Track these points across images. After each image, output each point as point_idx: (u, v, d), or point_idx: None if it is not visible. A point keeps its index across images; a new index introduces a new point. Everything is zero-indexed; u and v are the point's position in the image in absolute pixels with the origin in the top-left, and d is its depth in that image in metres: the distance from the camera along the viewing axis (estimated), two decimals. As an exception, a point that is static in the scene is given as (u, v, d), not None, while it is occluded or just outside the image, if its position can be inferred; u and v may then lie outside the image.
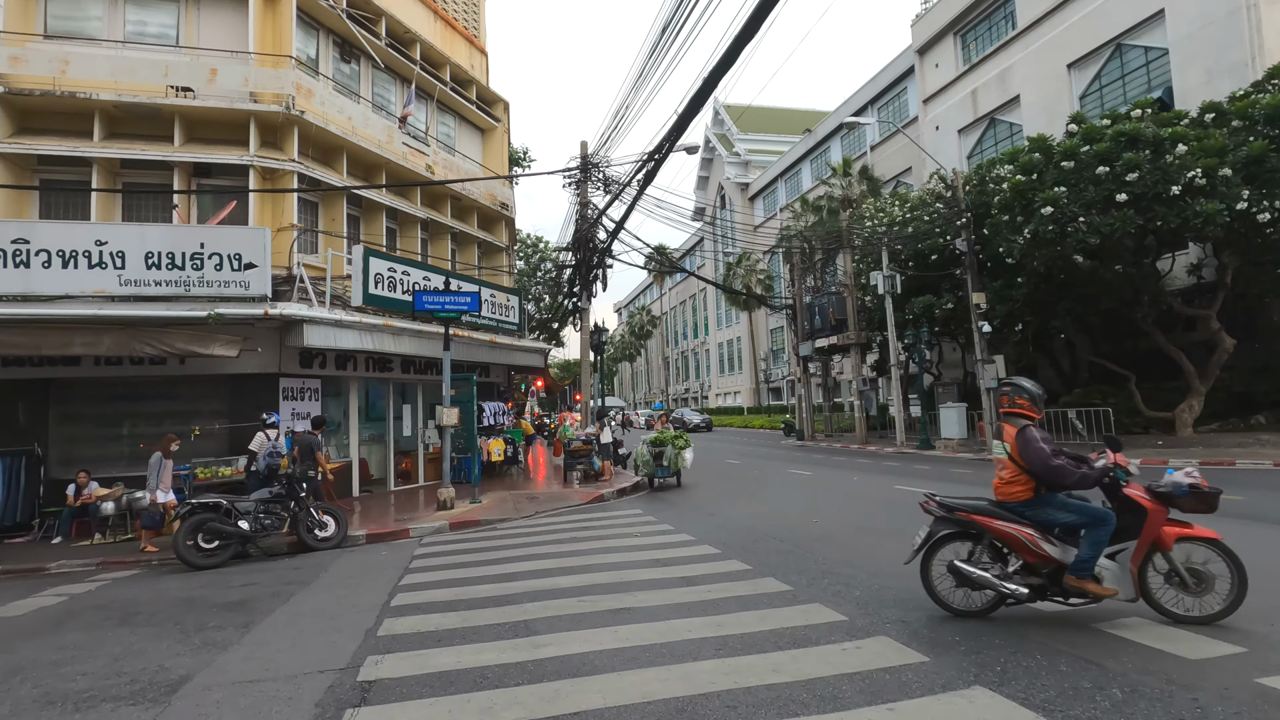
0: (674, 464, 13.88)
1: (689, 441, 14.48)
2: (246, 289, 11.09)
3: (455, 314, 12.23)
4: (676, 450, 13.96)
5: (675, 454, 13.90)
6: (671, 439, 14.16)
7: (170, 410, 12.28)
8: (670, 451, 13.95)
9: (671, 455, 13.90)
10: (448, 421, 12.07)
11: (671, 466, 13.91)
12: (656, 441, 14.19)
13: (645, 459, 14.10)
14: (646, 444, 14.19)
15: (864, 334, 26.46)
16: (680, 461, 13.97)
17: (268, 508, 9.46)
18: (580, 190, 19.18)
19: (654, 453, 14.03)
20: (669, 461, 13.89)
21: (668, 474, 14.05)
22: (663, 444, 14.11)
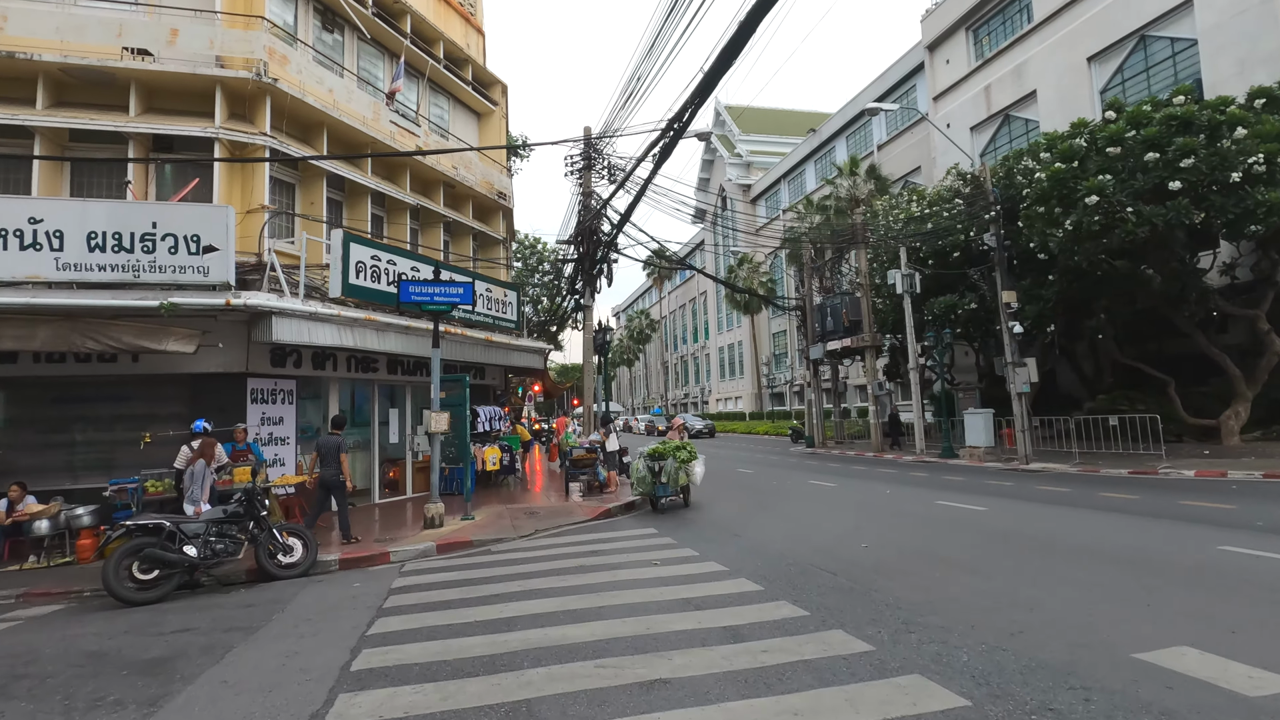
0: (675, 480, 11.72)
1: (694, 453, 12.21)
2: (205, 275, 9.69)
3: (446, 307, 10.85)
4: (679, 464, 11.75)
5: (677, 468, 11.69)
6: (673, 450, 11.94)
7: (122, 414, 10.85)
8: (671, 465, 11.72)
9: (673, 470, 11.68)
10: (436, 428, 10.68)
11: (673, 484, 11.74)
12: (655, 454, 11.98)
13: (641, 475, 11.94)
14: (643, 457, 12.07)
15: (879, 336, 25.14)
16: (685, 478, 11.81)
17: (221, 529, 8.05)
18: (583, 178, 17.84)
19: (651, 467, 11.87)
20: (669, 478, 11.69)
21: (669, 492, 11.88)
22: (661, 456, 11.88)
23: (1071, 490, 12.25)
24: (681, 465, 11.78)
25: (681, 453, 11.95)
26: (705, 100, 8.70)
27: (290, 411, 12.04)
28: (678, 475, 11.71)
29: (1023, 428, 17.99)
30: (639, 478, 11.97)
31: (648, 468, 11.88)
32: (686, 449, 12.12)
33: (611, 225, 17.89)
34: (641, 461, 12.09)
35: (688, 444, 12.38)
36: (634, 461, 12.31)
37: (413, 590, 7.10)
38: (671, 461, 11.76)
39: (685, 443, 12.43)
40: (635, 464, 12.23)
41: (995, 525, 9.09)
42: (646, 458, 12.04)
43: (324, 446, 9.87)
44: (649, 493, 11.97)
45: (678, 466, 11.72)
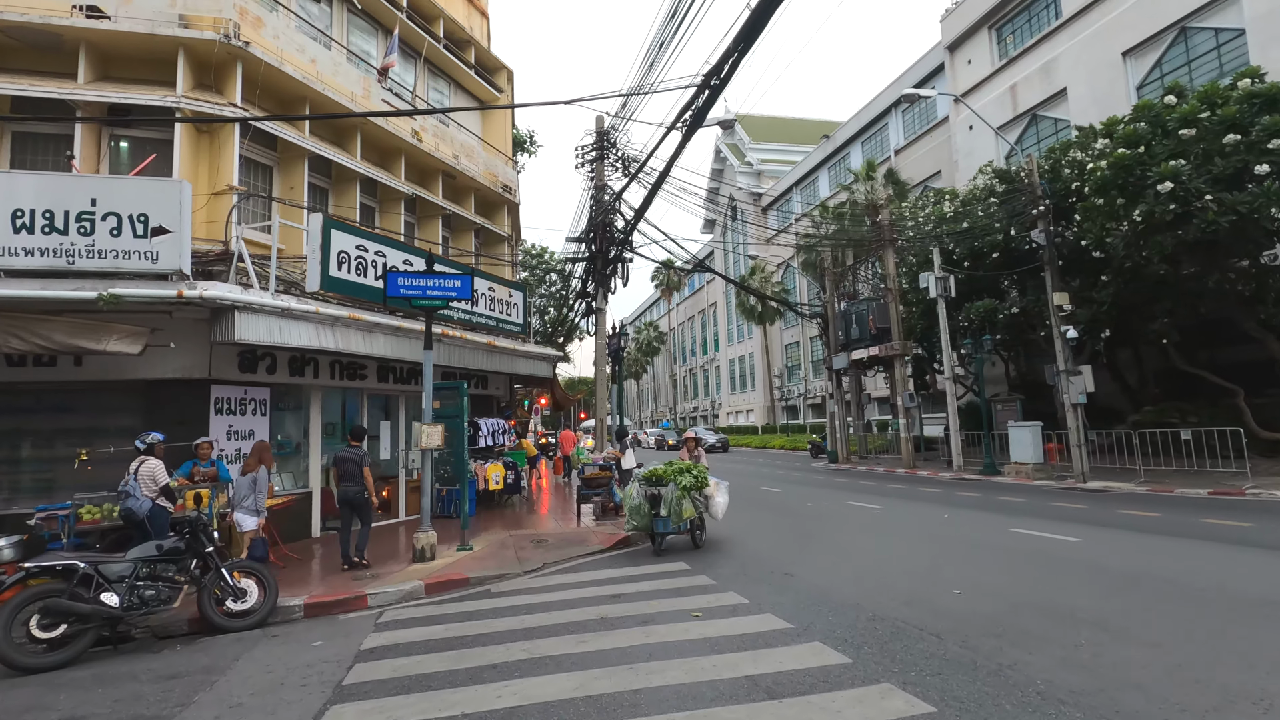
0: (677, 513, 9.07)
1: (704, 478, 9.58)
2: (154, 262, 8.19)
3: (440, 303, 9.32)
4: (681, 491, 9.16)
5: (679, 498, 9.11)
6: (674, 474, 9.44)
7: (63, 427, 9.31)
8: (672, 493, 9.13)
9: (673, 499, 9.08)
10: (429, 442, 9.10)
11: (674, 517, 9.08)
12: (652, 478, 9.50)
13: (635, 504, 9.41)
14: (638, 482, 9.66)
15: (908, 344, 23.50)
16: (691, 509, 9.20)
17: (154, 571, 6.47)
18: (595, 170, 16.36)
19: (649, 495, 9.34)
20: (671, 510, 9.08)
21: (668, 527, 9.18)
22: (660, 481, 9.40)
23: (1163, 515, 10.56)
24: (685, 494, 9.16)
25: (684, 477, 9.35)
26: (752, 45, 7.17)
27: (263, 424, 10.49)
28: (680, 507, 9.09)
29: (1077, 442, 16.29)
30: (633, 508, 9.45)
31: (644, 495, 9.39)
32: (694, 472, 9.55)
33: (626, 221, 16.39)
34: (636, 487, 9.61)
35: (697, 466, 9.84)
36: (628, 487, 9.84)
37: (386, 655, 5.48)
38: (672, 489, 9.18)
39: (693, 465, 9.90)
40: (629, 490, 9.76)
41: (1106, 562, 7.42)
42: (642, 482, 9.60)
43: (344, 460, 9.01)
44: (645, 527, 9.40)
45: (680, 495, 9.11)
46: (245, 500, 8.45)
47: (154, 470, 7.80)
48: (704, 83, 8.22)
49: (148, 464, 7.81)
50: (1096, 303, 17.44)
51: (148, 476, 7.77)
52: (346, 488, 8.95)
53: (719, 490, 9.74)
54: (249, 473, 8.54)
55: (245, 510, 8.45)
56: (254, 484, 8.43)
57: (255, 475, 8.50)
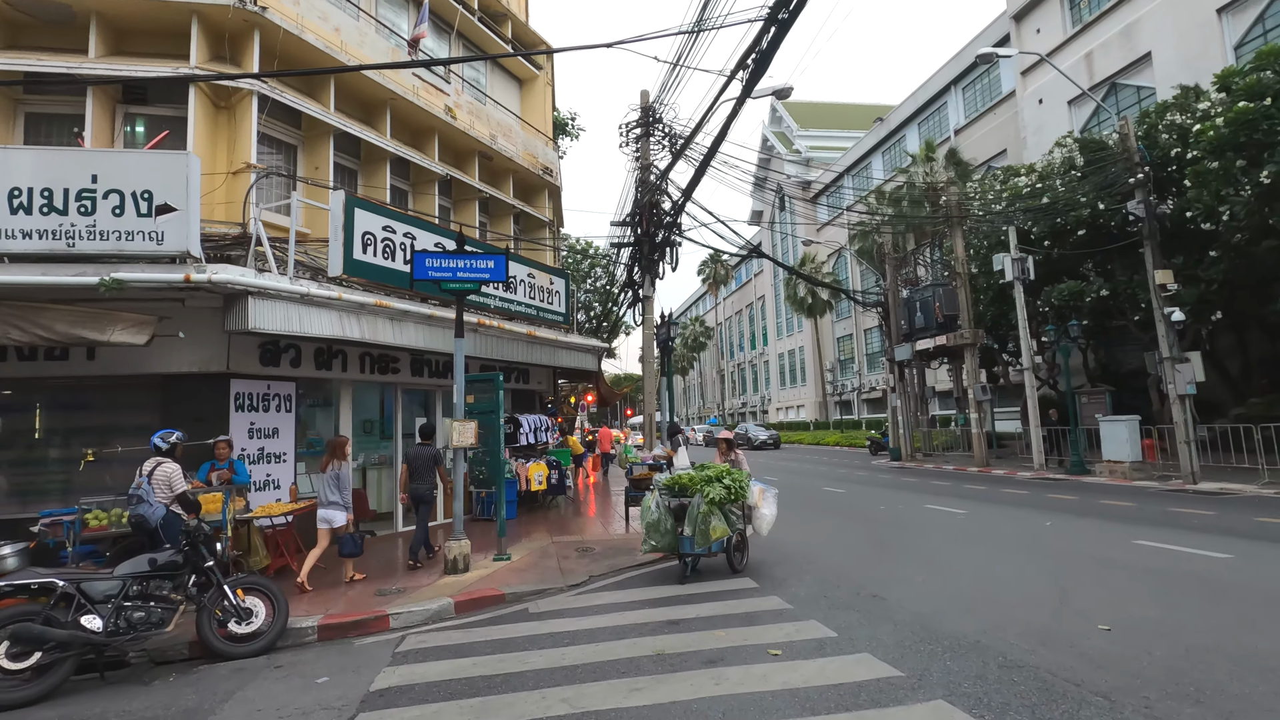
0: (704, 531, 7.23)
1: (741, 486, 7.72)
2: (160, 244, 7.43)
3: (472, 285, 8.36)
4: (709, 506, 7.29)
5: (706, 513, 7.27)
6: (701, 483, 7.57)
7: (75, 425, 8.70)
8: (697, 508, 7.31)
9: (698, 515, 7.26)
10: (460, 440, 8.16)
11: (700, 537, 7.26)
12: (674, 485, 7.74)
13: (653, 519, 7.62)
14: (658, 490, 7.90)
15: (979, 332, 21.73)
16: (722, 528, 7.29)
17: (146, 588, 5.66)
18: (641, 148, 15.27)
19: (670, 505, 7.58)
20: (695, 528, 7.26)
21: (691, 548, 7.37)
22: (684, 491, 7.60)
23: (1319, 525, 8.92)
24: (714, 508, 7.30)
25: (713, 488, 7.46)
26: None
27: (288, 421, 9.73)
28: (707, 525, 7.22)
29: (1185, 438, 14.46)
30: (651, 523, 7.60)
31: (664, 507, 7.58)
32: (728, 480, 7.65)
33: (673, 202, 15.25)
34: (655, 497, 7.76)
35: (734, 473, 7.90)
36: (645, 497, 7.98)
37: (397, 701, 4.50)
38: (697, 502, 7.36)
39: (728, 470, 7.98)
40: (645, 501, 7.88)
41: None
42: (663, 491, 7.77)
43: (417, 458, 8.98)
44: (667, 547, 7.65)
45: (706, 511, 7.26)
46: (331, 497, 7.96)
47: (171, 474, 7.02)
48: (771, 14, 7.02)
49: (165, 467, 7.03)
50: (1204, 281, 15.56)
51: (163, 481, 6.99)
52: (417, 486, 8.92)
53: (765, 499, 8.00)
54: (326, 469, 8.10)
55: (333, 507, 7.96)
56: (337, 480, 7.98)
57: (337, 471, 8.04)
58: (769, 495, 8.19)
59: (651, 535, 7.66)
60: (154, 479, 6.98)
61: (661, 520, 7.61)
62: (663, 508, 7.65)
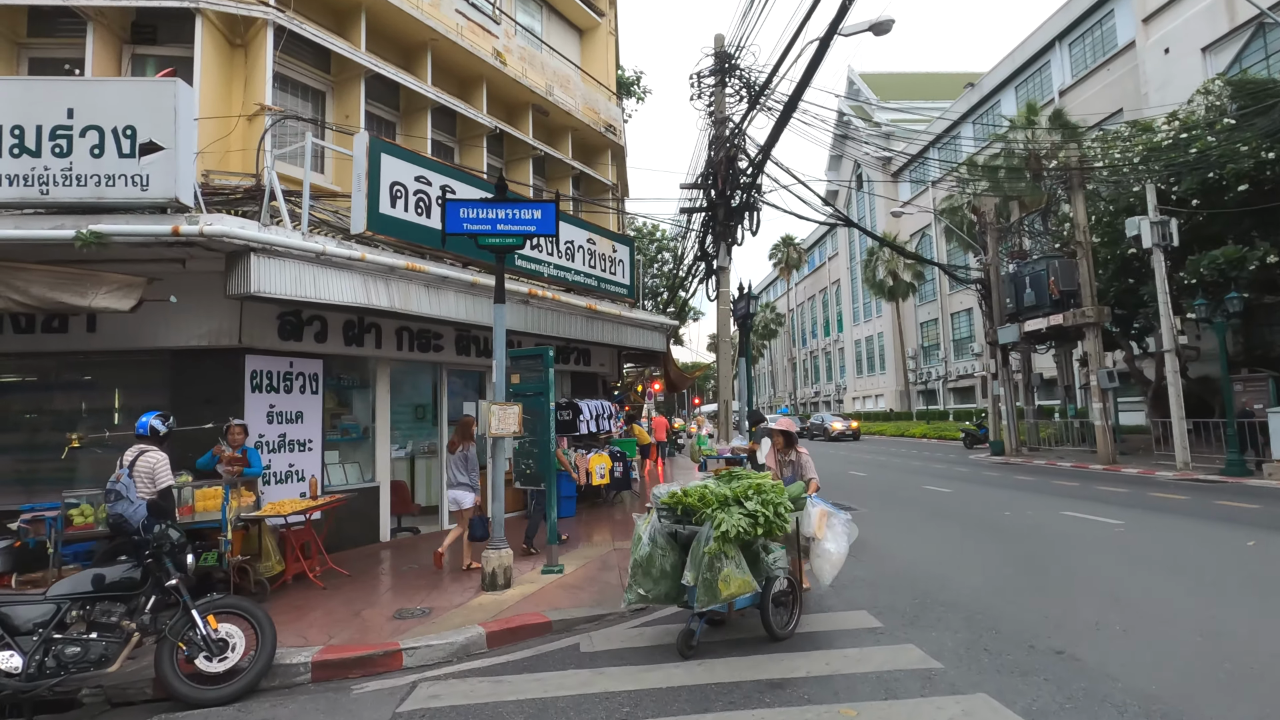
0: (709, 586, 4.67)
1: (782, 512, 5.03)
2: (144, 189, 6.21)
3: (515, 240, 6.85)
4: (719, 543, 4.69)
5: (711, 556, 4.67)
6: (716, 502, 4.99)
7: (76, 406, 7.73)
8: (702, 544, 4.74)
9: (702, 558, 4.70)
10: (500, 428, 6.69)
11: (706, 591, 4.67)
12: (676, 506, 5.15)
13: (644, 556, 5.14)
14: (656, 510, 5.32)
15: (1104, 309, 18.90)
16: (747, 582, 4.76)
17: (90, 614, 4.41)
18: (715, 99, 13.47)
19: (671, 534, 5.17)
20: (698, 574, 4.70)
21: (696, 600, 4.75)
22: (688, 514, 5.06)
23: None
24: (724, 547, 4.71)
25: (732, 514, 4.82)
26: None
27: (313, 404, 8.52)
28: (715, 570, 4.67)
29: (1392, 434, 11.66)
30: (639, 559, 5.15)
31: (661, 536, 5.16)
32: (762, 497, 5.02)
33: (750, 160, 13.40)
34: (648, 521, 5.31)
35: (773, 488, 5.20)
36: (638, 523, 5.43)
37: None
38: (705, 533, 4.78)
39: (763, 483, 5.24)
40: (637, 530, 5.34)
41: None
42: (662, 512, 5.24)
43: None
44: (663, 598, 5.12)
45: (715, 549, 4.67)
46: (460, 478, 7.90)
47: (155, 465, 5.82)
48: None
49: (149, 456, 5.84)
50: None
51: (145, 473, 5.80)
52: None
53: (830, 529, 5.39)
54: (455, 450, 8.01)
55: (461, 488, 7.86)
56: (465, 461, 7.91)
57: (466, 452, 7.94)
58: (838, 522, 5.49)
59: (640, 579, 5.05)
60: (135, 470, 5.79)
61: (655, 556, 5.05)
62: (659, 538, 5.13)
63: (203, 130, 7.72)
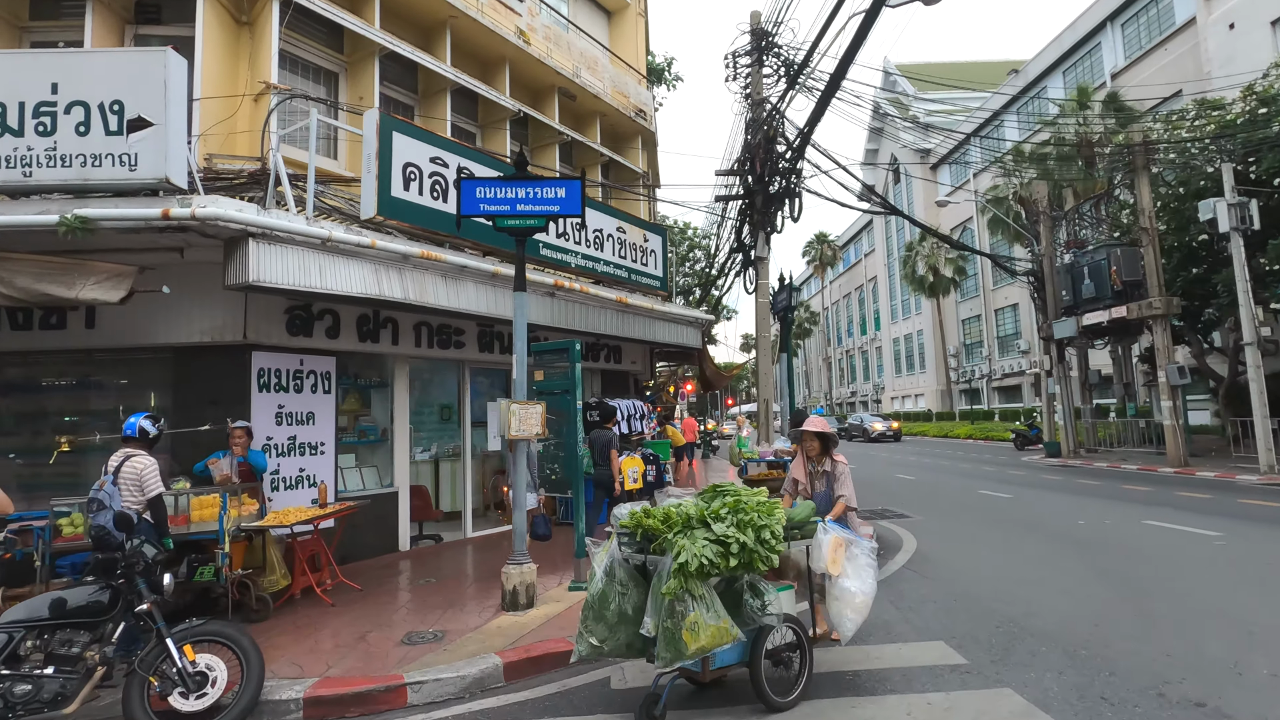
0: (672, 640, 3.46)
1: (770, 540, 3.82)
2: (132, 169, 5.69)
3: (536, 221, 6.18)
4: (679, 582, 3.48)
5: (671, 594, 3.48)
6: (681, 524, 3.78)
7: (70, 408, 7.28)
8: (660, 581, 3.58)
9: (660, 605, 3.53)
10: (520, 430, 6.02)
11: (668, 645, 3.47)
12: (635, 529, 3.88)
13: (597, 594, 3.89)
14: (618, 533, 4.04)
15: (1172, 300, 17.55)
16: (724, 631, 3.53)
17: (47, 643, 3.84)
18: (751, 79, 12.68)
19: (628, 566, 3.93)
20: (659, 622, 3.54)
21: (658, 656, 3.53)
22: (649, 540, 3.82)
23: None
24: (687, 584, 3.51)
25: (690, 539, 3.64)
26: None
27: (326, 405, 7.97)
28: (678, 618, 3.48)
29: None
30: (591, 599, 3.94)
31: (620, 571, 3.94)
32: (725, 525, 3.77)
33: (788, 144, 12.58)
34: (604, 554, 4.08)
35: (760, 507, 3.98)
36: (596, 554, 4.16)
37: None
38: (665, 565, 3.59)
39: (746, 499, 4.05)
40: (593, 565, 4.10)
41: None
42: (624, 537, 3.99)
43: (597, 441, 8.52)
44: (620, 650, 3.89)
45: (675, 587, 3.49)
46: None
47: (143, 471, 5.26)
48: None
49: (136, 460, 5.28)
50: None
51: (132, 479, 5.25)
52: (600, 470, 8.47)
53: (850, 560, 4.26)
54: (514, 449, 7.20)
55: (529, 487, 7.17)
56: (527, 458, 7.10)
57: (529, 447, 7.32)
58: (859, 553, 4.31)
59: (591, 624, 3.86)
60: (121, 477, 5.24)
61: (610, 594, 3.85)
62: (619, 570, 3.92)
63: (207, 112, 7.24)
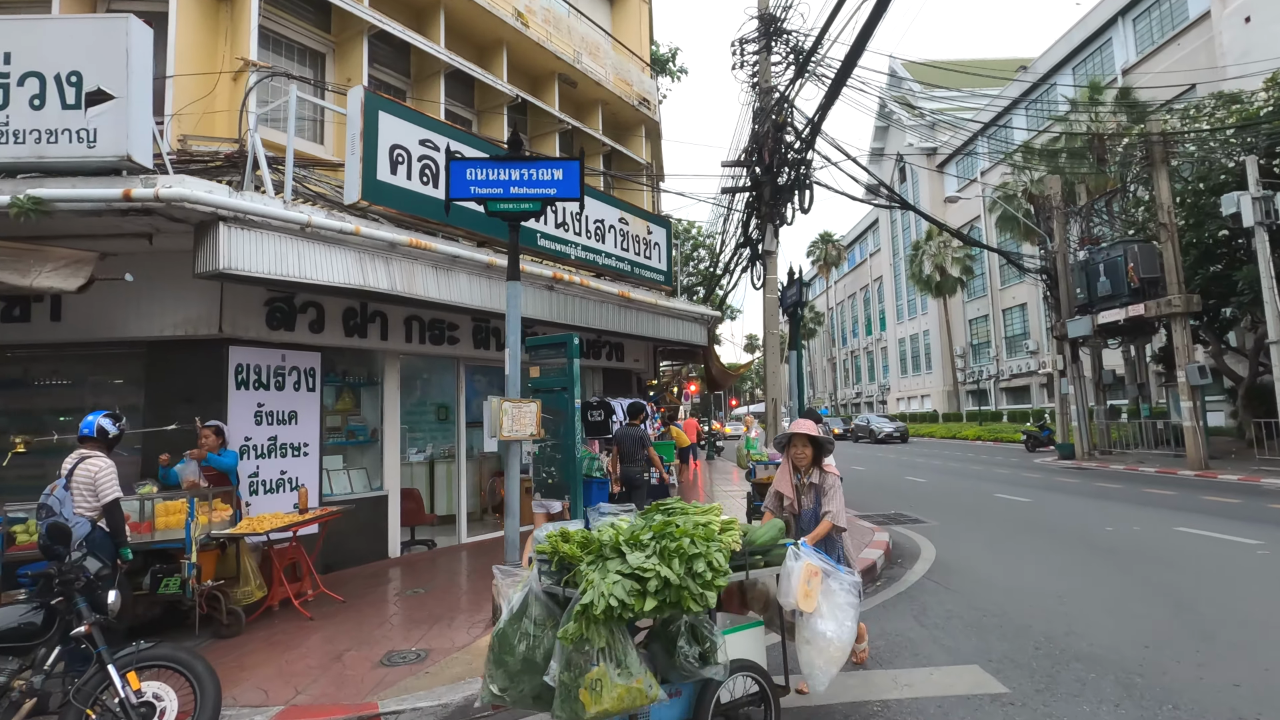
0: (570, 692, 2.83)
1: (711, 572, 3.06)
2: (91, 145, 5.25)
3: (531, 205, 5.70)
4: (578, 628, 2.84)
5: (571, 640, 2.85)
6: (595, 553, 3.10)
7: (36, 405, 6.85)
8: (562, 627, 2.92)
9: (567, 649, 2.89)
10: (513, 430, 5.54)
11: (566, 708, 2.84)
12: (552, 554, 3.22)
13: (499, 633, 3.19)
14: (538, 560, 3.33)
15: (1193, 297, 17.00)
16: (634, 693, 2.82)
17: (-36, 672, 3.38)
18: (759, 65, 12.20)
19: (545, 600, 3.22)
20: (561, 676, 2.88)
21: (557, 715, 2.88)
22: (564, 569, 3.16)
23: None
24: (596, 634, 2.83)
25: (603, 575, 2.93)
26: None
27: (310, 403, 7.52)
28: (578, 673, 2.83)
29: None
30: (494, 638, 3.23)
31: (536, 606, 3.19)
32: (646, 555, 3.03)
33: (797, 134, 12.09)
34: (520, 587, 3.30)
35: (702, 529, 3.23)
36: (496, 579, 3.59)
37: None
38: (573, 605, 2.92)
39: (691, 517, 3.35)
40: (498, 597, 3.77)
41: None
42: (544, 565, 3.29)
43: (624, 440, 8.67)
44: (528, 697, 3.16)
45: (575, 632, 2.85)
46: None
47: (98, 474, 4.80)
48: None
49: (90, 463, 4.82)
50: None
51: (85, 483, 4.80)
52: (628, 468, 8.55)
53: (827, 598, 3.49)
54: None
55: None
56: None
57: None
58: (837, 587, 3.53)
59: (492, 669, 3.20)
60: (74, 480, 4.80)
61: (510, 635, 3.16)
62: (534, 605, 3.20)
63: (182, 90, 6.80)
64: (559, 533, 3.28)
